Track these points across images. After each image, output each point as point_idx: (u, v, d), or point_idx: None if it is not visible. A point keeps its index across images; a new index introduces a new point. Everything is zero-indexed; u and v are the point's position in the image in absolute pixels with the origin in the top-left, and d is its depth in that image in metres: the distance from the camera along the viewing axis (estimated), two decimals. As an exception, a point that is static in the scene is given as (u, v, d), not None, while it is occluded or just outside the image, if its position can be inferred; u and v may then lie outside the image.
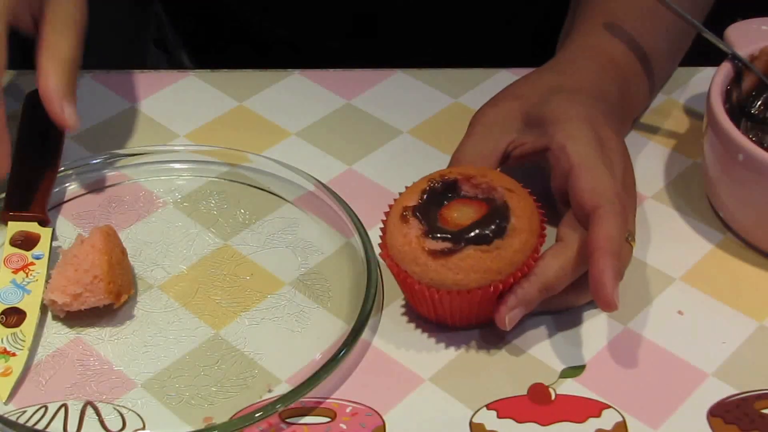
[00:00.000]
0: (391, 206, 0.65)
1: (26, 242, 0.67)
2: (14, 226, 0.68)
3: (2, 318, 0.63)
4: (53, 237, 0.69)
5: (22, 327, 0.63)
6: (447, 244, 0.61)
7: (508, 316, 0.62)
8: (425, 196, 0.64)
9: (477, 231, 0.61)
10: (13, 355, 0.62)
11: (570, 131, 0.66)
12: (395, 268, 0.63)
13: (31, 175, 0.72)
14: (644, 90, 0.78)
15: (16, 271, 0.66)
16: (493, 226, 0.61)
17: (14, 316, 0.63)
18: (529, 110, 0.69)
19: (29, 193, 0.70)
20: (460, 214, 0.63)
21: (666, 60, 0.79)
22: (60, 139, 0.75)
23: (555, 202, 0.68)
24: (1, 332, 0.63)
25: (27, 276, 0.66)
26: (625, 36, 0.75)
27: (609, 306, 0.60)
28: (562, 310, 0.66)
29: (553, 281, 0.62)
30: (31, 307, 0.64)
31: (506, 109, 0.70)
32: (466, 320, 0.64)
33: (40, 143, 0.74)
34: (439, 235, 0.62)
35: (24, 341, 0.63)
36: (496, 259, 0.61)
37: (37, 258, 0.67)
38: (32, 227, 0.68)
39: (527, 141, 0.68)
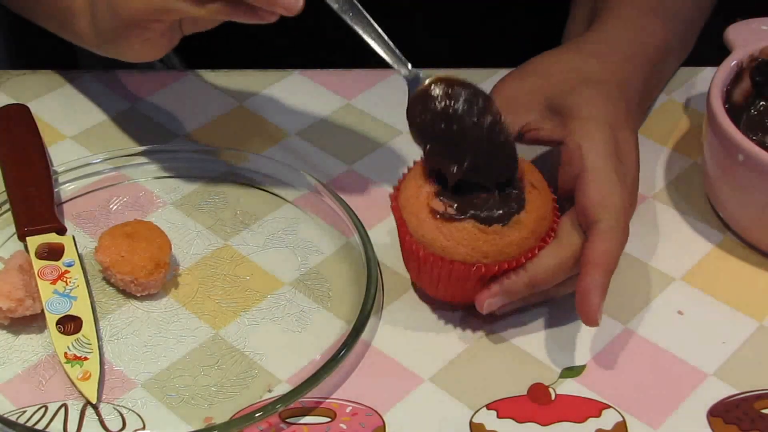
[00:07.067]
0: (416, 162, 0.65)
1: (52, 253, 0.68)
2: (34, 241, 0.68)
3: (60, 328, 0.64)
4: (75, 242, 0.69)
5: (82, 332, 0.64)
6: (450, 211, 0.62)
7: (487, 301, 0.62)
8: None
9: (482, 210, 0.62)
10: (85, 359, 0.63)
11: (589, 131, 0.65)
12: (397, 212, 0.64)
13: (30, 189, 0.72)
14: (663, 79, 0.80)
15: (54, 282, 0.66)
16: (500, 212, 0.62)
17: (70, 323, 0.64)
18: (553, 95, 0.68)
19: (36, 206, 0.71)
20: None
21: (678, 52, 0.80)
22: (42, 144, 0.75)
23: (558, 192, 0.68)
24: (65, 341, 0.63)
25: (67, 284, 0.66)
26: (646, 27, 0.76)
27: (590, 322, 0.60)
28: (540, 301, 0.66)
29: (542, 279, 0.62)
30: (83, 311, 0.65)
31: (530, 88, 0.69)
32: (444, 292, 0.64)
33: (24, 154, 0.74)
34: (447, 200, 0.62)
35: (90, 344, 0.63)
36: (488, 242, 0.61)
37: (69, 265, 0.67)
38: (51, 238, 0.69)
39: (544, 128, 0.67)
